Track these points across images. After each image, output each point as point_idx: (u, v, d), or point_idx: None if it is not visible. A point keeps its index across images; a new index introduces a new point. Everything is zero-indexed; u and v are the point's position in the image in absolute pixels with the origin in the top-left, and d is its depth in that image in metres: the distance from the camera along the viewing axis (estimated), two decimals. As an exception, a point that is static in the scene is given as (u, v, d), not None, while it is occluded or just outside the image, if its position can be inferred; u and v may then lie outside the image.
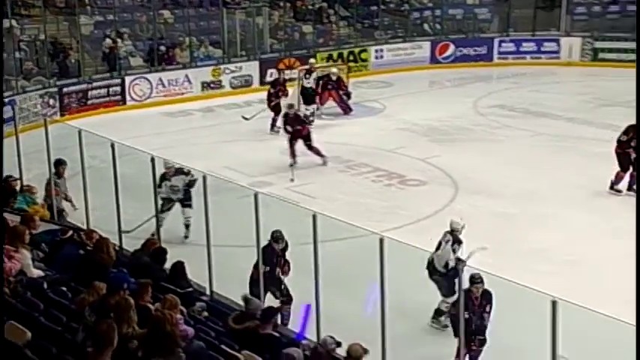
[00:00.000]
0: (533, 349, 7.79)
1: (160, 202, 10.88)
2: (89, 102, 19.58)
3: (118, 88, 20.08)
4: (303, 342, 7.45)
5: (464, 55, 24.07)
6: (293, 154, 15.02)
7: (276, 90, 17.77)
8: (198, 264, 9.08)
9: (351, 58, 22.99)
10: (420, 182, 14.34)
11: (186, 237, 11.78)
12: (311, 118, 17.35)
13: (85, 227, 10.38)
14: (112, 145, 10.23)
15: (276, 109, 17.38)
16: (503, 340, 8.41)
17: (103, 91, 19.83)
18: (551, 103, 19.47)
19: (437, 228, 12.02)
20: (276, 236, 9.10)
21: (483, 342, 8.18)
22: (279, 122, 16.36)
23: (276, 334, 7.43)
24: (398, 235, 9.91)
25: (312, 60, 19.54)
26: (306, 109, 17.84)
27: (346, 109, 18.96)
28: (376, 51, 23.62)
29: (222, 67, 21.51)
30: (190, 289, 8.43)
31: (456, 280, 8.33)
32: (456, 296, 8.28)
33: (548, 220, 12.13)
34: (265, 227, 8.75)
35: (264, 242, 8.83)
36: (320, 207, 10.25)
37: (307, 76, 18.46)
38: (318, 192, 13.60)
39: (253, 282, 8.78)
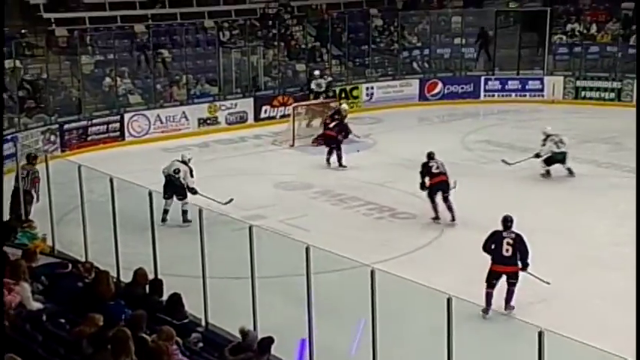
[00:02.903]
0: None
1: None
2: (89, 138, 19.55)
3: (117, 125, 20.05)
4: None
5: (451, 92, 24.16)
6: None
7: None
8: (194, 296, 9.00)
9: (343, 95, 23.03)
10: (410, 215, 14.31)
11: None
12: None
13: (83, 260, 10.30)
14: (111, 180, 10.19)
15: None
16: None
17: (103, 127, 19.81)
18: (535, 139, 19.49)
19: (427, 260, 12.08)
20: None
21: None
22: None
23: (270, 365, 7.36)
24: (389, 267, 9.88)
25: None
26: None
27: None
28: (367, 88, 23.69)
29: (217, 103, 21.50)
30: (186, 321, 8.35)
31: None
32: None
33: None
34: (259, 259, 8.69)
35: (258, 274, 8.75)
36: (312, 239, 10.17)
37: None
38: (310, 225, 13.54)
39: None
